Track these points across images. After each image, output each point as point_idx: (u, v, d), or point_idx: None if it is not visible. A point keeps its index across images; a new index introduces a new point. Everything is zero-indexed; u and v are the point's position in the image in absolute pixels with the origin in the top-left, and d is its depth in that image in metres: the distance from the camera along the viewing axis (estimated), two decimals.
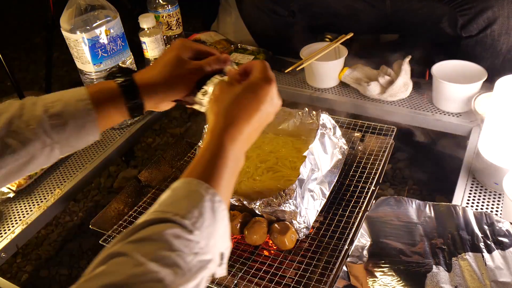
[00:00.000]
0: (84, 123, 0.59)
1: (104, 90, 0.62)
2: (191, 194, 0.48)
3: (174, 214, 0.45)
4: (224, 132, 0.55)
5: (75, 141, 0.60)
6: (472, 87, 1.05)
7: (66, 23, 0.99)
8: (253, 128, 0.58)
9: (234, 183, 0.55)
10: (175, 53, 0.66)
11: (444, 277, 0.74)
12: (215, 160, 0.53)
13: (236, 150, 0.55)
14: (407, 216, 0.84)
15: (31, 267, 1.33)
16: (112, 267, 0.40)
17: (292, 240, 0.79)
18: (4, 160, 0.56)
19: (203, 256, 0.44)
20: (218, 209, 0.48)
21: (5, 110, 0.58)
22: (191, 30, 1.52)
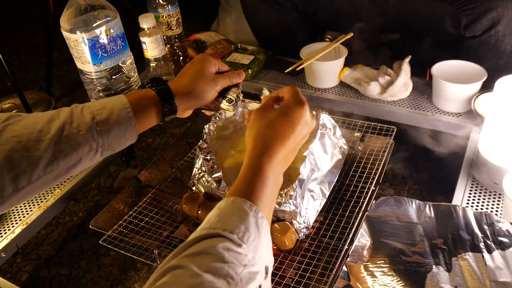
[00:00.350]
0: (126, 129, 0.67)
1: (144, 97, 0.70)
2: (237, 211, 0.52)
3: (223, 229, 0.49)
4: (261, 154, 0.61)
5: (116, 145, 0.68)
6: (472, 87, 1.05)
7: (66, 23, 0.99)
8: (289, 149, 0.64)
9: (274, 201, 0.61)
10: (202, 65, 0.77)
11: (444, 277, 0.74)
12: (255, 179, 0.58)
13: (274, 170, 0.60)
14: (407, 216, 0.84)
15: (31, 267, 1.33)
16: (172, 278, 0.43)
17: (292, 240, 0.79)
18: (57, 163, 0.61)
19: (251, 268, 0.48)
20: (262, 225, 0.53)
21: (57, 116, 0.63)
22: (191, 30, 1.52)
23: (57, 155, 0.61)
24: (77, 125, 0.63)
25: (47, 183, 0.62)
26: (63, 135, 0.62)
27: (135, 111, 0.68)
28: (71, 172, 0.65)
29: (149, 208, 0.91)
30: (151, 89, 0.71)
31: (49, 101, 1.57)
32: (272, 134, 0.63)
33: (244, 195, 0.55)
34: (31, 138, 0.60)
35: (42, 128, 0.61)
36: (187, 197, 0.88)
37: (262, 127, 0.64)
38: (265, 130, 0.64)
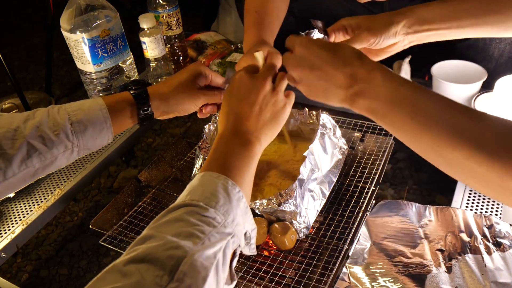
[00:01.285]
0: (101, 129, 0.69)
1: (120, 100, 0.72)
2: (205, 182, 0.55)
3: (191, 200, 0.51)
4: (227, 128, 0.64)
5: (92, 144, 0.69)
6: (472, 87, 1.05)
7: (66, 23, 0.99)
8: (256, 121, 0.64)
9: (250, 172, 0.60)
10: (189, 77, 0.76)
11: (444, 279, 0.74)
12: (224, 152, 0.60)
13: (241, 140, 0.62)
14: (407, 219, 0.85)
15: (31, 267, 1.33)
16: (141, 246, 0.45)
17: (292, 240, 0.79)
18: (31, 161, 0.64)
19: (221, 229, 0.50)
20: (233, 191, 0.54)
21: (32, 116, 0.66)
22: (191, 30, 1.52)
23: (31, 153, 0.63)
24: (52, 125, 0.65)
25: (23, 180, 0.65)
26: (38, 134, 0.64)
27: (111, 112, 0.70)
28: (47, 170, 0.67)
29: (149, 208, 0.91)
30: (128, 92, 0.73)
31: (49, 101, 1.57)
32: (238, 109, 0.64)
33: (212, 169, 0.57)
34: (6, 136, 0.62)
35: (17, 127, 0.63)
36: None
37: (232, 101, 0.66)
38: (232, 103, 0.66)
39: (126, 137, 1.13)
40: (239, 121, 0.63)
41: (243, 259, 0.80)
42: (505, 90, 0.93)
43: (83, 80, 1.08)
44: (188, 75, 0.76)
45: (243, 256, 0.81)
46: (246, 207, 0.55)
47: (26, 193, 0.99)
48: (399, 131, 0.52)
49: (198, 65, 0.79)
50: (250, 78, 0.66)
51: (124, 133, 1.14)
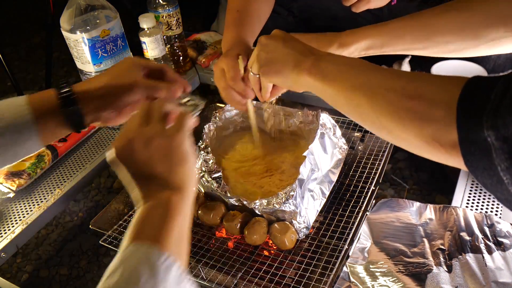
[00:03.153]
0: (21, 129, 0.59)
1: (43, 96, 0.62)
2: (125, 259, 0.47)
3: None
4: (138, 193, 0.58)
5: (12, 148, 0.60)
6: None
7: (66, 23, 0.99)
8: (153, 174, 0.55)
9: (177, 229, 0.51)
10: (119, 67, 0.67)
11: (444, 278, 0.74)
12: (141, 218, 0.53)
13: (154, 201, 0.55)
14: (407, 217, 0.85)
15: (31, 267, 1.33)
16: None
17: (292, 240, 0.79)
18: None
19: None
20: (157, 261, 0.46)
21: None
22: (191, 30, 1.52)
23: None
24: None
25: None
26: None
27: (34, 109, 0.60)
28: None
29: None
30: (53, 89, 0.63)
31: None
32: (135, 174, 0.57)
33: (137, 238, 0.49)
34: None
35: None
36: None
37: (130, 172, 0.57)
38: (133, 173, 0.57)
39: None
40: (141, 183, 0.56)
41: (243, 259, 0.80)
42: None
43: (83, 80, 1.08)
44: (123, 64, 0.67)
45: (243, 256, 0.81)
46: (179, 274, 0.47)
47: (26, 193, 0.99)
48: (337, 86, 0.60)
49: (129, 57, 0.74)
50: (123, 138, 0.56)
51: None
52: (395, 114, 0.51)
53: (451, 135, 0.44)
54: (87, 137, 1.12)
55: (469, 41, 0.73)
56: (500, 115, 0.39)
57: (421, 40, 0.78)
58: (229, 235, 0.85)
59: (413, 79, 0.52)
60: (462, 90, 0.44)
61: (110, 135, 1.13)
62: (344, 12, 1.04)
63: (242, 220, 0.81)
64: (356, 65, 0.60)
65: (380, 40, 0.80)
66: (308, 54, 0.65)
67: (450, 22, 0.74)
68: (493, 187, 0.42)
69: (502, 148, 0.39)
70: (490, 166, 0.40)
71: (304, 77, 0.64)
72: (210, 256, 0.81)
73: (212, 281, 0.76)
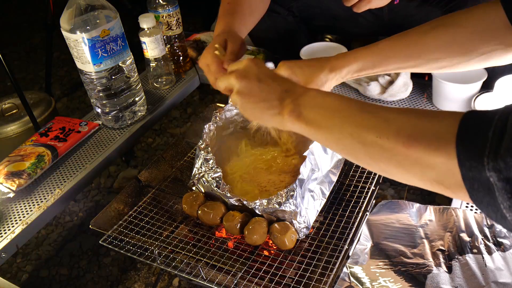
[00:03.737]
0: None
1: None
2: None
3: None
4: None
5: None
6: (472, 87, 1.05)
7: (66, 23, 0.99)
8: None
9: None
10: None
11: (444, 278, 0.74)
12: None
13: None
14: (407, 219, 0.85)
15: (31, 267, 1.33)
16: None
17: (292, 240, 0.79)
18: None
19: None
20: None
21: None
22: (191, 30, 1.52)
23: None
24: None
25: None
26: None
27: None
28: None
29: (149, 208, 0.91)
30: None
31: (49, 101, 1.57)
32: None
33: None
34: None
35: None
36: (187, 197, 0.88)
37: None
38: None
39: (126, 137, 1.13)
40: None
41: (243, 259, 0.80)
42: (505, 90, 0.93)
43: (83, 80, 1.08)
44: None
45: (243, 256, 0.81)
46: None
47: (26, 193, 0.99)
48: (325, 132, 0.59)
49: None
50: None
51: (124, 133, 1.14)
52: (393, 160, 0.51)
53: (454, 177, 0.44)
54: (87, 137, 1.12)
55: (459, 57, 0.73)
56: (501, 157, 0.39)
57: (412, 58, 0.77)
58: (229, 235, 0.85)
59: (403, 122, 0.51)
60: (458, 129, 0.44)
61: (110, 135, 1.13)
62: (344, 12, 1.05)
63: (242, 220, 0.81)
64: (339, 108, 0.59)
65: (371, 61, 0.79)
66: (285, 97, 0.64)
67: (438, 39, 0.73)
68: (498, 220, 0.43)
69: (504, 188, 0.40)
70: (493, 203, 0.41)
71: (288, 124, 0.63)
72: (210, 256, 0.81)
73: (212, 281, 0.76)
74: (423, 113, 0.51)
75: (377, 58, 0.79)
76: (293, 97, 0.63)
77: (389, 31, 1.40)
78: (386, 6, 1.16)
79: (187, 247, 0.83)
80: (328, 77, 0.81)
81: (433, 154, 0.46)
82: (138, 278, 1.27)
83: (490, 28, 0.68)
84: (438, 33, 0.73)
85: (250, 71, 0.69)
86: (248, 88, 0.67)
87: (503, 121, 0.41)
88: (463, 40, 0.71)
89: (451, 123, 0.45)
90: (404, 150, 0.49)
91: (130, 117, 1.15)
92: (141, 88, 1.16)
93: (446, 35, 0.72)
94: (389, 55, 0.78)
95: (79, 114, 2.04)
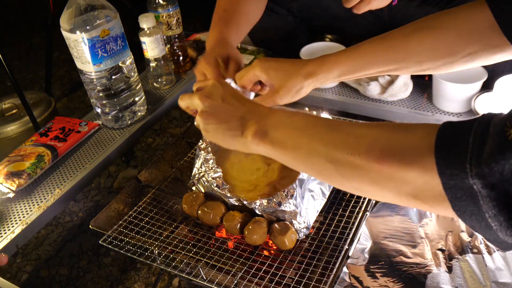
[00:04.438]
0: None
1: None
2: None
3: None
4: None
5: None
6: (472, 87, 1.05)
7: (66, 23, 0.99)
8: None
9: None
10: None
11: (444, 278, 0.74)
12: None
13: None
14: (407, 218, 0.85)
15: (31, 267, 1.33)
16: None
17: (292, 240, 0.79)
18: None
19: None
20: None
21: None
22: (191, 30, 1.52)
23: None
24: None
25: None
26: None
27: None
28: None
29: (149, 208, 0.91)
30: None
31: (49, 101, 1.57)
32: None
33: None
34: None
35: None
36: (187, 197, 0.88)
37: None
38: None
39: (126, 137, 1.13)
40: None
41: (243, 259, 0.80)
42: (505, 90, 0.93)
43: (83, 80, 1.08)
44: None
45: (243, 256, 0.81)
46: None
47: (26, 193, 0.98)
48: (292, 152, 0.57)
49: None
50: None
51: (124, 133, 1.14)
52: (365, 177, 0.49)
53: (432, 190, 0.43)
54: (87, 137, 1.12)
55: (443, 59, 0.70)
56: (485, 162, 0.38)
57: (395, 62, 0.74)
58: (229, 235, 0.85)
59: (375, 137, 0.49)
60: (436, 138, 0.42)
61: (110, 135, 1.13)
62: (344, 12, 1.04)
63: (242, 220, 0.81)
64: (306, 126, 0.57)
65: (352, 66, 0.76)
66: (248, 117, 0.62)
67: (422, 42, 0.71)
68: (482, 230, 0.41)
69: (489, 195, 0.38)
70: (478, 212, 0.39)
71: (251, 146, 0.61)
72: (210, 256, 0.81)
73: (212, 281, 0.76)
74: (395, 127, 0.50)
75: (358, 63, 0.76)
76: (257, 118, 0.61)
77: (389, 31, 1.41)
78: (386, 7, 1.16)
79: (187, 247, 0.83)
80: (303, 83, 0.77)
81: (408, 168, 0.44)
82: (138, 278, 1.26)
83: (475, 29, 0.66)
84: (422, 36, 0.71)
85: (215, 91, 0.66)
86: (211, 108, 0.65)
87: (483, 126, 0.39)
88: (448, 43, 0.69)
89: (427, 134, 0.44)
90: (377, 166, 0.47)
91: (130, 117, 1.15)
92: (141, 88, 1.16)
93: (430, 38, 0.70)
94: (370, 59, 0.75)
95: (79, 114, 2.04)
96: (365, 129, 0.52)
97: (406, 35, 0.73)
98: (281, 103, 0.79)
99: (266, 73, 0.78)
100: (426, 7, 1.23)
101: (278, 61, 0.80)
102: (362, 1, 0.98)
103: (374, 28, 1.34)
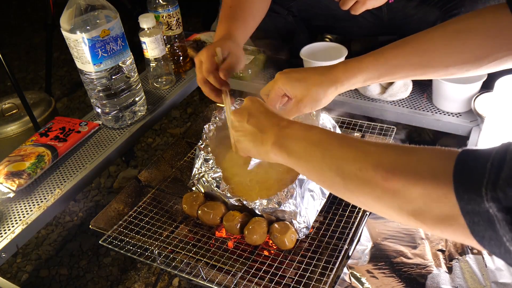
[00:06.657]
0: None
1: None
2: None
3: None
4: None
5: None
6: (472, 87, 1.05)
7: (66, 23, 0.99)
8: None
9: None
10: None
11: (444, 279, 0.74)
12: None
13: None
14: None
15: (31, 267, 1.33)
16: None
17: (292, 240, 0.79)
18: None
19: None
20: None
21: None
22: (191, 30, 1.52)
23: None
24: None
25: None
26: None
27: None
28: None
29: (149, 208, 0.91)
30: None
31: (49, 101, 1.57)
32: None
33: None
34: None
35: None
36: (187, 197, 0.88)
37: None
38: None
39: (126, 137, 1.13)
40: None
41: (243, 259, 0.80)
42: (504, 90, 0.93)
43: (83, 80, 1.08)
44: None
45: (243, 256, 0.81)
46: None
47: (26, 193, 0.98)
48: (306, 164, 0.61)
49: None
50: None
51: (124, 133, 1.14)
52: (371, 194, 0.51)
53: (436, 210, 0.44)
54: (87, 137, 1.12)
55: (470, 64, 0.68)
56: (500, 187, 0.38)
57: (420, 67, 0.73)
58: (229, 235, 0.85)
59: (383, 155, 0.51)
60: (456, 163, 0.43)
61: (110, 135, 1.13)
62: (344, 12, 1.05)
63: (242, 220, 0.81)
64: (320, 141, 0.60)
65: (377, 72, 0.75)
66: (268, 130, 0.67)
67: (449, 46, 0.68)
68: (502, 255, 0.41)
69: (505, 219, 0.39)
70: (495, 237, 0.40)
71: (271, 155, 0.66)
72: (210, 256, 0.81)
73: (212, 281, 0.76)
74: (403, 149, 0.51)
75: (383, 68, 0.75)
76: (276, 129, 0.66)
77: (388, 31, 1.41)
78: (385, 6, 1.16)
79: (187, 247, 0.83)
80: (327, 91, 0.77)
81: (412, 188, 0.46)
82: (138, 278, 1.27)
83: (503, 33, 0.64)
84: (449, 38, 0.69)
85: (244, 107, 0.73)
86: (240, 125, 0.72)
87: (502, 153, 0.40)
88: (474, 47, 0.67)
89: (443, 158, 0.45)
90: (383, 183, 0.49)
91: (130, 117, 1.15)
92: (141, 88, 1.16)
93: (457, 41, 0.68)
94: (395, 64, 0.74)
95: (79, 114, 2.04)
96: (375, 147, 0.53)
97: (431, 38, 0.71)
98: (306, 111, 0.80)
99: (290, 85, 0.79)
100: (425, 7, 1.23)
101: (299, 71, 0.81)
102: (357, 2, 0.99)
103: (374, 27, 1.34)
